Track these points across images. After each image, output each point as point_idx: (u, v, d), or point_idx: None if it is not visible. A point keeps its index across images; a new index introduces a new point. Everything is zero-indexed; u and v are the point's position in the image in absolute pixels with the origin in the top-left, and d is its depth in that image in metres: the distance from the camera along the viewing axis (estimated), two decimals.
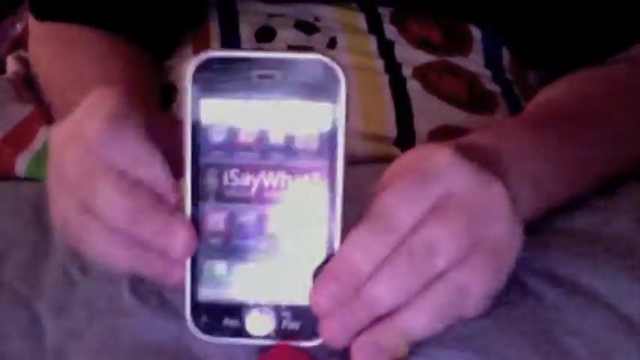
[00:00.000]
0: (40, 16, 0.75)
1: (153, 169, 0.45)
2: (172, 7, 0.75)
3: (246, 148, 0.43)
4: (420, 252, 0.44)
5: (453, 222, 0.44)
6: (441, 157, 0.45)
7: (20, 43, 0.83)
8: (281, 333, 0.46)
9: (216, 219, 0.45)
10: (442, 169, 0.45)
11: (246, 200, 0.44)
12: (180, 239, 0.44)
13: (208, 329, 0.46)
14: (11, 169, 0.68)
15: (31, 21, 0.76)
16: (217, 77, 0.43)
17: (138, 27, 0.73)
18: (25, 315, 0.51)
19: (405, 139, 0.67)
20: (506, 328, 0.48)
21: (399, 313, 0.44)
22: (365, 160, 0.64)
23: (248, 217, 0.44)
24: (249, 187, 0.44)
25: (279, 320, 0.46)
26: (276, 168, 0.44)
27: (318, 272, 0.45)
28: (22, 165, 0.68)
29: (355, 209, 0.46)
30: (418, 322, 0.44)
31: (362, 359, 0.44)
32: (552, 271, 0.52)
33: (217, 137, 0.43)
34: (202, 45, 0.75)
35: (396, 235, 0.44)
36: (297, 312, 0.45)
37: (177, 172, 0.47)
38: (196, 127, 0.44)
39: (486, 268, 0.46)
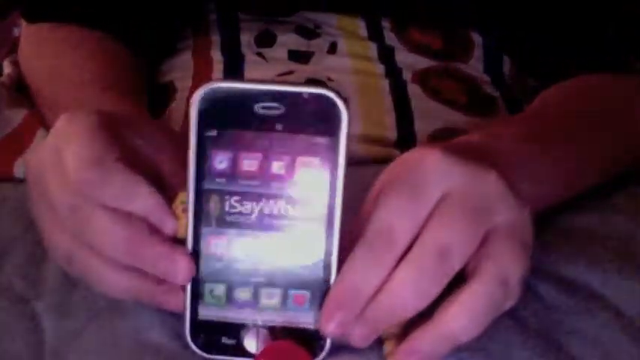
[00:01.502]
0: (31, 18, 0.75)
1: (143, 202, 0.45)
2: (167, 6, 0.75)
3: (248, 176, 0.44)
4: (432, 259, 0.43)
5: (457, 219, 0.44)
6: (431, 161, 0.45)
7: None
8: None
9: (216, 243, 0.46)
10: (433, 173, 0.45)
11: (247, 226, 0.45)
12: (180, 266, 0.45)
13: (207, 347, 0.47)
14: (10, 172, 0.67)
15: (24, 24, 0.76)
16: (222, 107, 0.44)
17: (133, 27, 0.73)
18: (25, 315, 0.52)
19: (406, 141, 0.67)
20: (507, 328, 0.48)
21: (442, 317, 0.44)
22: (365, 162, 0.64)
23: (248, 242, 0.45)
24: (249, 214, 0.45)
25: (276, 339, 0.47)
26: (276, 197, 0.45)
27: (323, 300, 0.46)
28: (21, 168, 0.67)
29: (356, 210, 0.46)
30: (462, 323, 0.44)
31: None
32: (553, 270, 0.52)
33: (220, 165, 0.44)
34: (203, 48, 0.75)
35: (397, 252, 0.44)
36: (294, 332, 0.46)
37: (168, 181, 0.47)
38: (200, 154, 0.44)
39: (512, 253, 0.45)
